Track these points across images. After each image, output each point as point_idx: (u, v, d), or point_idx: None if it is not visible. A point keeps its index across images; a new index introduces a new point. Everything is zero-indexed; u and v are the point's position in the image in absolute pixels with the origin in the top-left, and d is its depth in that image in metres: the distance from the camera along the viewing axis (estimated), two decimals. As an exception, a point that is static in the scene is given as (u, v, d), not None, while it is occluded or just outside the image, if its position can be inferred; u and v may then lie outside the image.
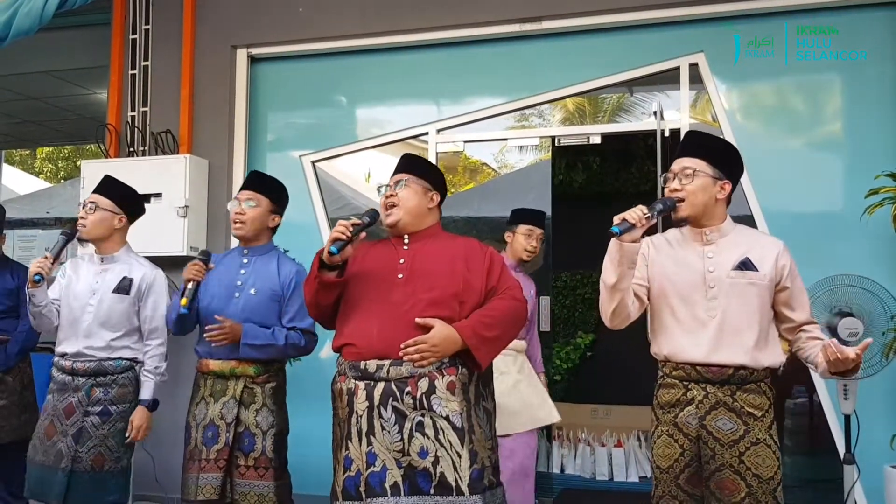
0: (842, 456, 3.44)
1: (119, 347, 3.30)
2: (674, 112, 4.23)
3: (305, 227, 4.55)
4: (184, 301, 3.01)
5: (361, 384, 2.52)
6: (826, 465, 3.88)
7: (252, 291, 3.17)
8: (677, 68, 4.14)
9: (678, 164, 2.53)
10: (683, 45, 4.13)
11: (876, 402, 3.64)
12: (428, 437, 2.44)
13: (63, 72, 6.24)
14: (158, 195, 4.45)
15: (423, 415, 2.45)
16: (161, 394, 4.36)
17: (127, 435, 3.23)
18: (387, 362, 2.50)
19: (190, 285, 3.05)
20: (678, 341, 2.47)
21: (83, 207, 3.34)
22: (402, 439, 2.44)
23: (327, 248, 2.48)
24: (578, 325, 7.31)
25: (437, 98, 4.66)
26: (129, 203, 3.41)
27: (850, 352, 2.25)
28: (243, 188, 3.29)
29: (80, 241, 3.40)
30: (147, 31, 4.86)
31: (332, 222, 4.67)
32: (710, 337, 2.42)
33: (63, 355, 3.31)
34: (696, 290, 2.46)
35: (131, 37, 4.88)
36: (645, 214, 2.32)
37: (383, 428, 2.46)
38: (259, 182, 3.31)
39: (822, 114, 4.04)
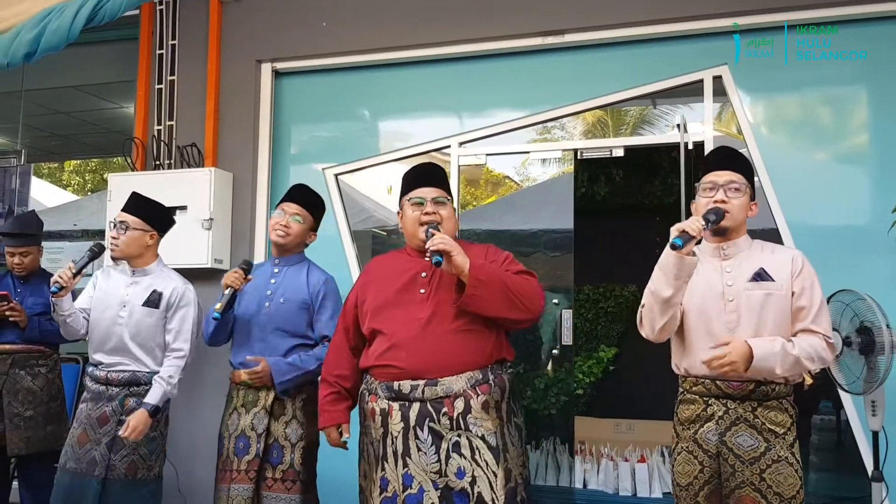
0: (870, 473, 3.37)
1: (150, 360, 3.31)
2: (697, 125, 4.20)
3: (328, 241, 4.55)
4: (219, 306, 3.03)
5: (395, 405, 2.51)
6: (854, 482, 3.81)
7: (281, 300, 3.20)
8: (701, 81, 4.12)
9: (723, 177, 2.48)
10: (707, 58, 4.11)
11: (905, 419, 3.57)
12: (465, 458, 2.43)
13: (91, 86, 6.36)
14: (184, 208, 4.49)
15: (459, 435, 2.45)
16: (186, 406, 4.36)
17: (121, 434, 3.13)
18: (421, 382, 2.50)
19: (227, 291, 3.07)
20: (696, 356, 2.45)
21: (113, 227, 3.35)
22: (438, 460, 2.44)
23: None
24: (601, 338, 7.27)
25: (460, 111, 4.66)
26: (160, 219, 3.43)
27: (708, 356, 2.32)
28: (292, 201, 3.28)
29: (113, 259, 3.43)
30: (174, 46, 4.92)
31: (354, 235, 4.69)
32: None
33: (97, 365, 3.34)
34: (714, 305, 2.44)
35: (158, 52, 4.94)
36: (702, 226, 2.30)
37: (419, 449, 2.45)
38: (308, 199, 3.32)
39: (848, 126, 4.00)
